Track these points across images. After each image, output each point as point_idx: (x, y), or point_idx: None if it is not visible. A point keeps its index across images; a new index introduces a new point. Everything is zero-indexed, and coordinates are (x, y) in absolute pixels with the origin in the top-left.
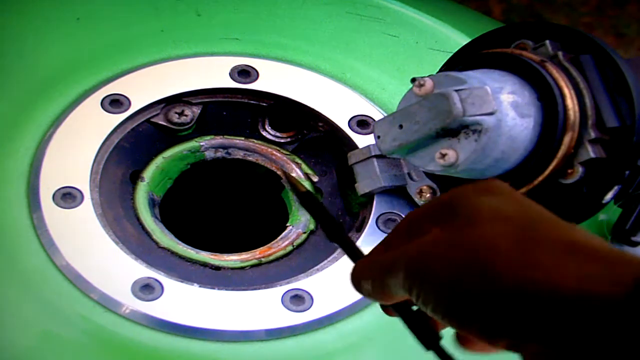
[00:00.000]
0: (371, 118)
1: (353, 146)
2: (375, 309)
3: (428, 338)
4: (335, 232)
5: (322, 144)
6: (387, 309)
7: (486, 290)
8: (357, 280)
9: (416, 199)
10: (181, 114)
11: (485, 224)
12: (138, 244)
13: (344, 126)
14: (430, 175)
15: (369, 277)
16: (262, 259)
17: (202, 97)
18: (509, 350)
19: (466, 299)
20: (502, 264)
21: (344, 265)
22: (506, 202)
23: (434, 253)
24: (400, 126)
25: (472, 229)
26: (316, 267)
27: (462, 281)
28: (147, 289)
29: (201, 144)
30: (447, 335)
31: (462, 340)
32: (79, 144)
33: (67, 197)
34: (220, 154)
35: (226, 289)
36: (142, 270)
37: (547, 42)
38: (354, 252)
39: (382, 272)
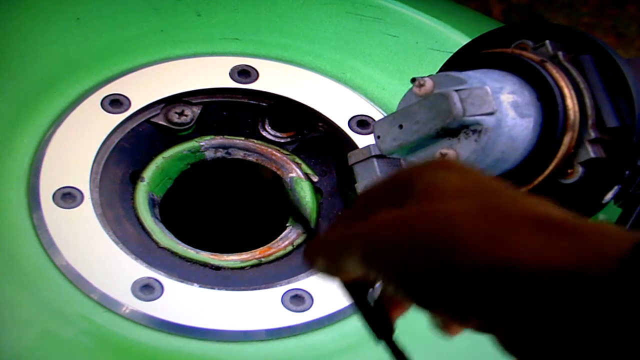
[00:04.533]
0: (371, 118)
1: (353, 146)
2: None
3: (381, 329)
4: (300, 217)
5: (322, 144)
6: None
7: (450, 268)
8: (311, 257)
9: None
10: (181, 114)
11: (445, 199)
12: (138, 244)
13: (344, 126)
14: None
15: (324, 255)
16: (262, 259)
17: (202, 97)
18: (480, 332)
19: (428, 280)
20: (467, 240)
21: None
22: (464, 177)
23: (391, 232)
24: (400, 126)
25: (430, 204)
26: None
27: (422, 260)
28: (147, 289)
29: (201, 144)
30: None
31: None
32: (79, 144)
33: (67, 197)
34: (220, 154)
35: (226, 289)
36: (142, 270)
37: (547, 42)
38: (310, 232)
39: (337, 252)
